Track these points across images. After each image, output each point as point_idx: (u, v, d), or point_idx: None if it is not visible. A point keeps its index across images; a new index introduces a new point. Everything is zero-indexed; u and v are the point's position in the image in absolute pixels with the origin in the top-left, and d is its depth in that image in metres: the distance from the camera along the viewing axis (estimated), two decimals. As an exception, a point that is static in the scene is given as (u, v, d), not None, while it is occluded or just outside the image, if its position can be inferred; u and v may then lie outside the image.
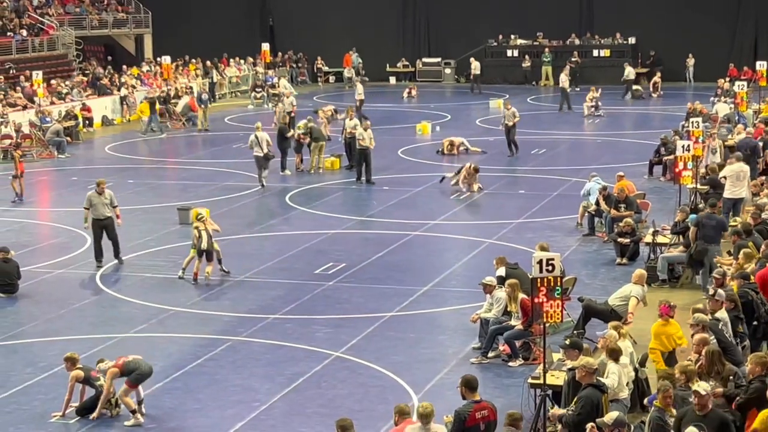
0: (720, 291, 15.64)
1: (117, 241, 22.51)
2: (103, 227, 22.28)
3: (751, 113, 35.92)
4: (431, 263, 22.35)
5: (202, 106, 42.73)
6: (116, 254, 22.52)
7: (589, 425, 11.51)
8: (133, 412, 14.47)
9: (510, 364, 16.36)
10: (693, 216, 20.94)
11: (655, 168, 30.77)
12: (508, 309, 16.67)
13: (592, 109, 44.10)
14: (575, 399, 12.12)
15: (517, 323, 16.44)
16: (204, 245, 20.86)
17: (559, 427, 12.89)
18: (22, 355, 17.30)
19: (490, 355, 16.58)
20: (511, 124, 34.56)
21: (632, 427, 12.50)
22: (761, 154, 28.46)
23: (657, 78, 51.13)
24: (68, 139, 38.25)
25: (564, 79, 46.22)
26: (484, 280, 17.33)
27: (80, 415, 14.66)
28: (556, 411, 12.78)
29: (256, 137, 30.34)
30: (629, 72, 50.32)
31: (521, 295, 16.40)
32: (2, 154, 35.88)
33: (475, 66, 54.42)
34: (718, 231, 20.03)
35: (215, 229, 21.60)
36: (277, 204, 28.45)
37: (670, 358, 14.75)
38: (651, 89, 50.80)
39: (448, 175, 29.73)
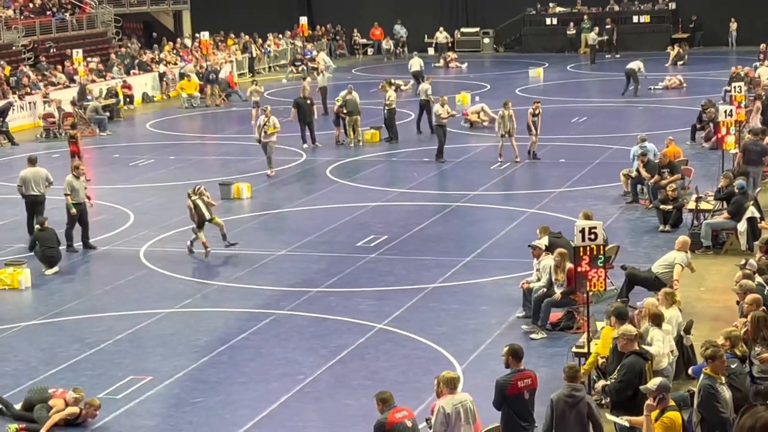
0: (751, 261, 15.61)
1: (88, 226, 22.12)
2: (81, 212, 21.88)
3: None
4: (473, 234, 22.32)
5: (208, 84, 43.04)
6: (87, 240, 22.13)
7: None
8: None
9: (532, 336, 16.22)
10: (740, 182, 20.70)
11: (697, 134, 30.48)
12: (554, 278, 16.60)
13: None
14: (618, 367, 12.05)
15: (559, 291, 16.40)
16: (206, 215, 21.16)
17: (602, 395, 12.86)
18: (69, 332, 17.49)
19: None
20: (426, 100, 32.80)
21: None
22: None
23: (673, 48, 49.43)
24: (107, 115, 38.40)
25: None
26: (534, 243, 17.30)
27: None
28: (601, 382, 12.72)
29: None
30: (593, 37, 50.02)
31: (569, 265, 16.28)
32: (45, 133, 36.16)
33: (443, 36, 55.65)
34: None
35: (210, 203, 21.60)
36: (317, 177, 28.48)
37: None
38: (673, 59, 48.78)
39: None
